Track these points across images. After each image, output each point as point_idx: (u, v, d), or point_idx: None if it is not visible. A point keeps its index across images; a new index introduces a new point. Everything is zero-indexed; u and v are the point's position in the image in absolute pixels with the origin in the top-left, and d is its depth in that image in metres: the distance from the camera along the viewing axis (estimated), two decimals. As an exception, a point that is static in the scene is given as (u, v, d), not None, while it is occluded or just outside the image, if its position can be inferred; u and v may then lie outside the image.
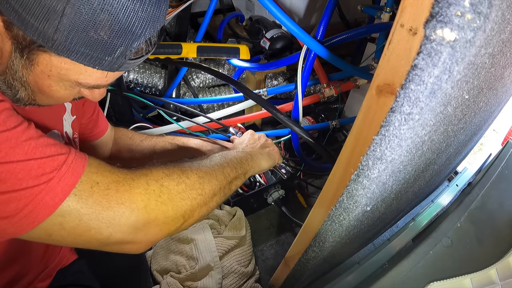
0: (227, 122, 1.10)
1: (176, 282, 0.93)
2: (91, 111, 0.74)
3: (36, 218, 0.38)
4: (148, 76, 1.29)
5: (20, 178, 0.37)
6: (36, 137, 0.40)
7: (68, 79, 0.43)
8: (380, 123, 0.33)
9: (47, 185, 0.38)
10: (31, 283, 0.63)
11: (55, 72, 0.42)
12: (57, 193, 0.39)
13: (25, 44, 0.39)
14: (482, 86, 0.41)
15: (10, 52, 0.40)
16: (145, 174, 0.46)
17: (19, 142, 0.38)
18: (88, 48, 0.39)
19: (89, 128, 0.76)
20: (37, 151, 0.39)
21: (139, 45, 0.42)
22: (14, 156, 0.37)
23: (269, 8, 0.83)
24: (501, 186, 0.85)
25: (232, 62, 1.13)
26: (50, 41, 0.38)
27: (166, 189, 0.46)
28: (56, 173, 0.39)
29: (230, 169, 0.58)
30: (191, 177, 0.50)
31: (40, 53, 0.40)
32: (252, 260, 1.05)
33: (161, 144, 0.88)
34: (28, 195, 0.37)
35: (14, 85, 0.44)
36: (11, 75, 0.43)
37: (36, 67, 0.42)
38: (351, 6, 1.22)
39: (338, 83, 1.05)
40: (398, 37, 0.29)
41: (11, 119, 0.39)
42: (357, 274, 0.72)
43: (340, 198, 0.45)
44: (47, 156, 0.39)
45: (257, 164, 0.68)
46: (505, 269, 0.64)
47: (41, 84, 0.44)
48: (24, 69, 0.42)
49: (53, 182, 0.39)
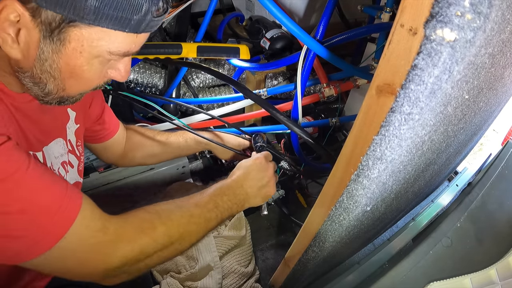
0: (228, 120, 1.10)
1: (176, 282, 0.93)
2: (97, 115, 0.75)
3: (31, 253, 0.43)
4: (148, 76, 1.29)
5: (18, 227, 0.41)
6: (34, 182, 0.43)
7: (99, 52, 0.45)
8: (380, 123, 0.33)
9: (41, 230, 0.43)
10: (31, 282, 0.63)
11: (86, 46, 0.43)
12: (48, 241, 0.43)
13: (55, 25, 0.41)
14: (482, 86, 0.41)
15: (37, 42, 0.42)
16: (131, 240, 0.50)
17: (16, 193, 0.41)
18: (117, 10, 0.41)
19: (97, 131, 0.77)
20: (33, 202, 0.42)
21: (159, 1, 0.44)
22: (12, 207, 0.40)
23: (269, 8, 0.83)
24: (501, 186, 0.85)
25: (232, 62, 1.13)
26: (82, 10, 0.40)
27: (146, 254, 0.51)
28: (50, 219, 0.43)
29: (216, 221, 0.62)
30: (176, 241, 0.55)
31: (71, 29, 0.41)
32: (252, 260, 1.05)
33: (174, 138, 0.90)
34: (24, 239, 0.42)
35: (42, 79, 0.45)
36: (39, 67, 0.44)
37: (67, 46, 0.43)
38: (351, 6, 1.22)
39: (338, 83, 1.05)
40: (398, 37, 0.29)
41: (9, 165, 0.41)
42: (357, 274, 0.72)
43: (340, 198, 0.45)
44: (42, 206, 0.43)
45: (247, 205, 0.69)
46: (505, 269, 0.64)
47: (72, 65, 0.45)
48: (54, 54, 0.43)
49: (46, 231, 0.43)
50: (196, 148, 0.93)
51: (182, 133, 0.90)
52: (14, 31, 0.41)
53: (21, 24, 0.40)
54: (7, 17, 0.39)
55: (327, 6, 0.89)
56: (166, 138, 0.89)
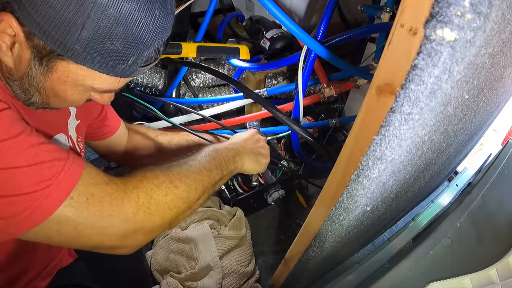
0: (227, 122, 1.10)
1: (176, 282, 0.93)
2: (98, 112, 0.75)
3: (33, 220, 0.41)
4: (148, 76, 1.29)
5: (21, 184, 0.40)
6: (37, 144, 0.43)
7: (83, 85, 0.47)
8: (380, 123, 0.33)
9: (45, 191, 0.41)
10: (32, 281, 0.63)
11: (71, 78, 0.46)
12: (53, 199, 0.42)
13: (45, 53, 0.43)
14: (482, 86, 0.41)
15: (29, 60, 0.44)
16: (136, 187, 0.49)
17: (22, 150, 0.41)
18: (104, 57, 0.43)
19: (99, 127, 0.78)
20: (37, 158, 0.41)
21: (149, 54, 0.46)
22: (17, 163, 0.40)
23: (269, 8, 0.83)
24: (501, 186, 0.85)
25: (232, 62, 1.13)
26: (70, 51, 0.42)
27: (154, 201, 0.50)
28: (54, 180, 0.42)
29: (216, 172, 0.61)
30: (179, 187, 0.54)
31: (59, 61, 0.43)
32: (252, 260, 1.05)
33: (176, 140, 0.90)
34: (27, 199, 0.40)
35: (29, 90, 0.47)
36: (27, 81, 0.46)
37: (54, 73, 0.45)
38: (351, 6, 1.22)
39: (338, 83, 1.05)
40: (398, 37, 0.29)
41: (14, 127, 0.41)
42: (357, 274, 0.72)
43: (340, 198, 0.45)
44: (47, 162, 0.42)
45: (241, 163, 0.70)
46: (505, 269, 0.64)
47: (57, 89, 0.47)
48: (42, 76, 0.45)
49: (51, 189, 0.42)
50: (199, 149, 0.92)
51: (185, 134, 0.90)
52: (10, 41, 0.42)
53: (16, 39, 0.42)
54: (4, 30, 0.41)
55: (328, 6, 0.89)
56: (169, 140, 0.89)
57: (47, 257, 0.67)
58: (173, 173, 0.54)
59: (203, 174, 0.58)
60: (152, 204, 0.49)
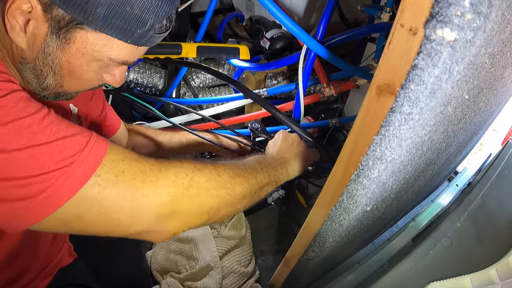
0: (226, 122, 1.10)
1: (176, 282, 0.93)
2: (99, 112, 0.75)
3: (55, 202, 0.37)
4: (148, 76, 1.29)
5: (42, 163, 0.37)
6: (57, 122, 0.40)
7: (100, 57, 0.46)
8: (380, 123, 0.33)
9: (68, 169, 0.38)
10: (32, 281, 0.63)
11: (89, 49, 0.45)
12: (78, 176, 0.38)
13: (64, 24, 0.42)
14: (482, 86, 0.41)
15: (44, 35, 0.43)
16: (175, 166, 0.46)
17: (41, 127, 0.38)
18: (123, 21, 0.43)
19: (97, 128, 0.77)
20: (58, 134, 0.39)
21: (163, 19, 0.47)
22: (36, 141, 0.37)
23: (269, 8, 0.83)
24: (501, 186, 0.85)
25: (232, 62, 1.13)
26: (91, 15, 0.41)
27: (195, 184, 0.46)
28: (77, 157, 0.39)
29: (263, 174, 0.58)
30: (223, 175, 0.50)
31: (78, 30, 0.43)
32: (252, 260, 1.05)
33: (177, 139, 0.89)
34: (49, 178, 0.37)
35: (42, 72, 0.46)
36: (42, 60, 0.45)
37: (71, 45, 0.44)
38: (351, 6, 1.21)
39: (338, 83, 1.05)
40: (398, 37, 0.29)
41: (31, 105, 0.39)
42: (357, 274, 0.72)
43: (340, 198, 0.45)
44: (69, 138, 0.39)
45: (291, 169, 0.68)
46: (505, 269, 0.64)
47: (73, 64, 0.46)
48: (58, 50, 0.44)
49: (75, 166, 0.38)
50: (199, 149, 0.93)
51: (185, 134, 0.90)
52: (24, 20, 0.42)
53: (32, 15, 0.42)
54: (20, 6, 0.41)
55: (327, 6, 0.89)
56: (169, 139, 0.89)
57: (47, 257, 0.67)
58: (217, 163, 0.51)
59: (249, 173, 0.55)
60: (193, 186, 0.45)
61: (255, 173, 0.56)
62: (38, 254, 0.63)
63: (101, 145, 0.41)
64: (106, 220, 0.41)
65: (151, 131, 0.90)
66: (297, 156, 0.71)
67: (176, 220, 0.45)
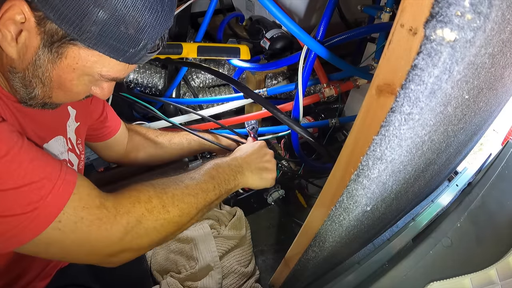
0: (226, 122, 1.10)
1: (176, 282, 0.93)
2: (98, 113, 0.75)
3: (20, 240, 0.42)
4: (148, 76, 1.29)
5: (9, 207, 0.40)
6: (28, 161, 0.42)
7: (91, 72, 0.47)
8: (380, 123, 0.33)
9: (32, 214, 0.41)
10: (32, 282, 0.63)
11: (81, 64, 0.45)
12: (40, 221, 0.42)
13: (57, 38, 0.42)
14: (482, 86, 0.41)
15: (36, 48, 0.43)
16: (128, 212, 0.50)
17: (10, 170, 0.40)
18: (117, 41, 0.44)
19: (99, 128, 0.78)
20: (25, 179, 0.41)
21: (157, 39, 0.47)
22: (4, 185, 0.40)
23: (269, 8, 0.83)
24: (501, 186, 0.85)
25: (232, 62, 1.13)
26: (85, 33, 0.42)
27: (143, 227, 0.50)
28: (42, 203, 0.42)
29: (214, 192, 0.61)
30: (171, 212, 0.54)
31: (70, 46, 0.43)
32: (252, 260, 1.05)
33: (177, 140, 0.90)
34: (14, 221, 0.41)
35: (31, 83, 0.46)
36: (32, 71, 0.45)
37: (63, 60, 0.45)
38: (351, 6, 1.22)
39: (338, 83, 1.05)
40: (398, 37, 0.29)
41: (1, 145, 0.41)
42: (357, 274, 0.72)
43: (340, 198, 0.45)
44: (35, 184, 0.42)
45: (245, 181, 0.69)
46: (505, 269, 0.64)
47: (63, 78, 0.47)
48: (49, 64, 0.45)
49: (38, 211, 0.42)
50: (199, 150, 0.93)
51: (185, 134, 0.90)
52: (16, 30, 0.42)
53: (25, 26, 0.41)
54: (12, 16, 0.40)
55: (328, 6, 0.89)
56: (169, 139, 0.89)
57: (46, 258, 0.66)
58: (167, 196, 0.54)
59: (199, 197, 0.58)
60: (141, 228, 0.50)
61: (205, 195, 0.59)
62: None
63: (66, 189, 0.45)
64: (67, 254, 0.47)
65: (151, 132, 0.90)
66: (257, 171, 0.71)
67: (127, 253, 0.51)
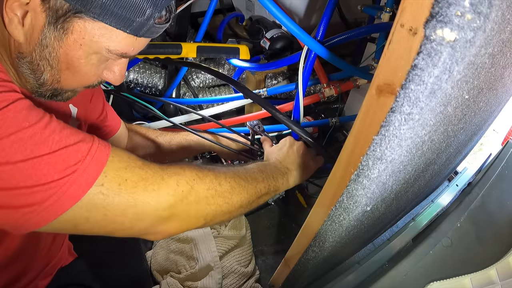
0: (226, 122, 1.10)
1: (176, 282, 0.93)
2: (98, 113, 0.75)
3: (60, 207, 0.40)
4: (148, 76, 1.29)
5: (46, 173, 0.39)
6: (59, 129, 0.41)
7: (98, 48, 0.46)
8: (380, 123, 0.33)
9: (71, 177, 0.40)
10: (33, 281, 0.63)
11: (87, 39, 0.44)
12: (80, 185, 0.40)
13: (62, 13, 0.42)
14: (482, 86, 0.41)
15: (42, 26, 0.43)
16: (177, 173, 0.47)
17: (43, 137, 0.39)
18: (122, 8, 0.42)
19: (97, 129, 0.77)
20: (61, 143, 0.40)
21: (163, 8, 0.46)
22: (39, 152, 0.38)
23: (269, 8, 0.83)
24: (501, 186, 0.85)
25: (232, 62, 1.13)
26: (89, 3, 0.41)
27: (195, 192, 0.48)
28: (80, 165, 0.40)
29: (263, 184, 0.60)
30: (223, 185, 0.52)
31: (75, 19, 0.42)
32: (252, 260, 1.05)
33: (177, 140, 0.89)
34: (53, 186, 0.39)
35: (39, 66, 0.46)
36: (39, 53, 0.45)
37: (69, 36, 0.44)
38: (351, 6, 1.21)
39: (338, 83, 1.05)
40: (398, 37, 0.29)
41: (33, 114, 0.40)
42: (357, 274, 0.72)
43: (340, 198, 0.45)
44: (71, 147, 0.41)
45: (292, 180, 0.68)
46: (505, 269, 0.65)
47: (71, 56, 0.45)
48: (56, 41, 0.44)
49: (77, 174, 0.40)
50: (199, 150, 0.93)
51: (185, 134, 0.90)
52: (22, 12, 0.42)
53: (30, 6, 0.41)
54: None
55: (328, 6, 0.89)
56: (170, 140, 0.89)
57: (47, 257, 0.67)
58: (219, 171, 0.53)
59: (249, 182, 0.57)
60: (193, 194, 0.47)
61: (255, 183, 0.58)
62: (38, 254, 0.63)
63: (103, 151, 0.43)
64: (110, 222, 0.43)
65: (152, 132, 0.90)
66: (300, 166, 0.71)
67: (175, 222, 0.48)
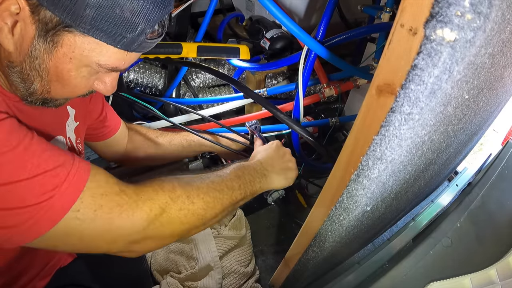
0: (226, 122, 1.10)
1: (176, 282, 0.93)
2: (98, 113, 0.75)
3: (37, 231, 0.41)
4: (148, 76, 1.29)
5: (23, 198, 0.40)
6: (39, 152, 0.42)
7: (88, 62, 0.45)
8: (380, 123, 0.33)
9: (48, 202, 0.41)
10: (31, 281, 0.63)
11: (77, 53, 0.44)
12: (57, 209, 0.41)
13: (51, 26, 0.41)
14: (482, 86, 0.41)
15: (32, 38, 0.42)
16: (151, 198, 0.48)
17: (22, 162, 0.40)
18: (113, 25, 0.42)
19: (99, 128, 0.77)
20: (39, 168, 0.41)
21: (155, 23, 0.45)
22: (18, 177, 0.39)
23: (269, 8, 0.83)
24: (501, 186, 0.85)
25: (232, 62, 1.13)
26: (79, 18, 0.40)
27: (167, 215, 0.49)
28: (57, 191, 0.41)
29: (239, 192, 0.59)
30: (196, 203, 0.52)
31: (65, 33, 0.42)
32: (252, 260, 1.05)
33: (177, 140, 0.89)
34: (31, 210, 0.40)
35: (29, 76, 0.45)
36: (29, 64, 0.44)
37: (59, 49, 0.43)
38: (351, 6, 1.22)
39: (338, 83, 1.05)
40: (398, 37, 0.29)
41: (13, 137, 0.40)
42: (357, 274, 0.72)
43: (340, 198, 0.45)
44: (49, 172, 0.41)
45: (270, 184, 0.68)
46: (505, 269, 0.65)
47: (60, 69, 0.45)
48: (45, 54, 0.43)
49: (54, 200, 0.41)
50: (199, 150, 0.93)
51: (186, 135, 0.90)
52: (11, 22, 0.41)
53: (20, 17, 0.41)
54: (8, 7, 0.40)
55: (328, 6, 0.89)
56: (170, 140, 0.89)
57: (46, 257, 0.67)
58: (192, 188, 0.53)
59: (224, 193, 0.57)
60: (164, 217, 0.49)
61: (230, 192, 0.58)
62: (37, 254, 0.63)
63: (81, 177, 0.44)
64: (87, 245, 0.45)
65: (152, 132, 0.90)
66: (282, 171, 0.71)
67: (150, 242, 0.49)
